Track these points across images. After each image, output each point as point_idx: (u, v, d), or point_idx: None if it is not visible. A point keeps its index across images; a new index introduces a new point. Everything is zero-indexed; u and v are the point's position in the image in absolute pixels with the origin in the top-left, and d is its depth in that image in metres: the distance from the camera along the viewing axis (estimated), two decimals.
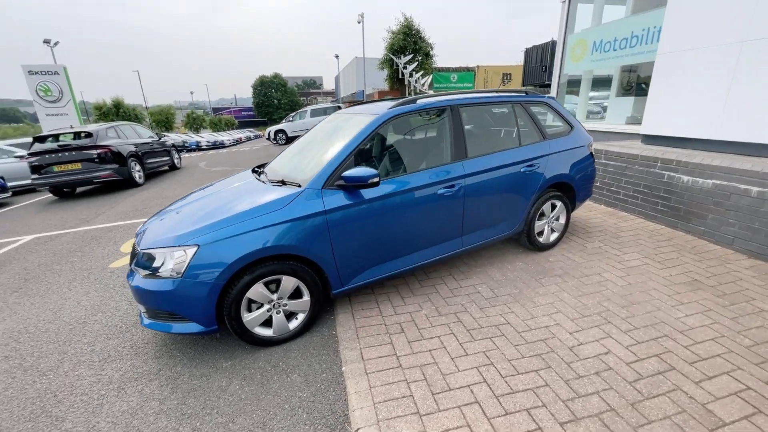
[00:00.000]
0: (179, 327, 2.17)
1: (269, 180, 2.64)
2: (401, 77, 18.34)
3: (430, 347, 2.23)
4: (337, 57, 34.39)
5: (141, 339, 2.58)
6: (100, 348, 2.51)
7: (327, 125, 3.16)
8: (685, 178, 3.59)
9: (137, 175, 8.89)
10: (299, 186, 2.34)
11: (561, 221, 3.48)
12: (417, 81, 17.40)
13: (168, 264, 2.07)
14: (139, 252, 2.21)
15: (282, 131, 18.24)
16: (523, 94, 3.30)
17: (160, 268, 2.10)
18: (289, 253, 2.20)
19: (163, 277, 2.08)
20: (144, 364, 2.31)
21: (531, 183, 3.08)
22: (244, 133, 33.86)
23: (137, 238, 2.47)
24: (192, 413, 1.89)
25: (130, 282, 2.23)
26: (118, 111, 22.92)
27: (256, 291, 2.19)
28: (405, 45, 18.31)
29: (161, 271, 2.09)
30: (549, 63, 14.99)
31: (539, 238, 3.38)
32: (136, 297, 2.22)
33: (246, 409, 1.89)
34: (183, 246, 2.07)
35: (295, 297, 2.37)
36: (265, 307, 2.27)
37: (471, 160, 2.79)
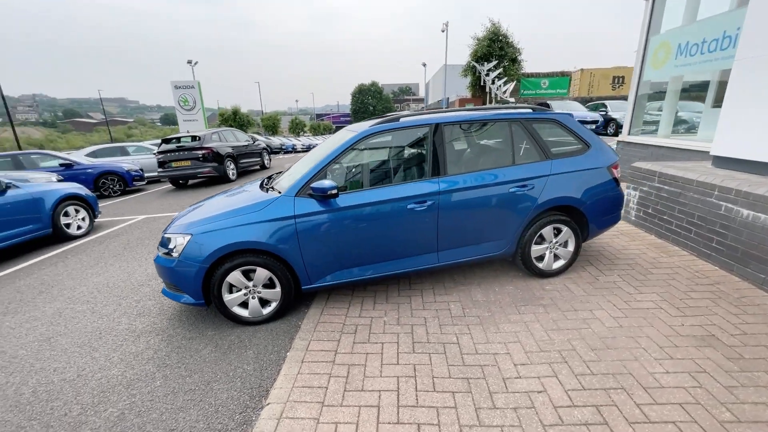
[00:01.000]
0: (184, 299, 2.75)
1: (269, 188, 3.09)
2: (483, 84, 17.82)
3: (369, 351, 2.39)
4: (425, 65, 34.86)
5: (168, 304, 3.30)
6: (141, 306, 3.30)
7: (327, 141, 3.50)
8: (746, 212, 2.94)
9: (230, 173, 10.62)
10: (279, 193, 2.74)
11: (569, 248, 3.19)
12: (499, 88, 16.69)
13: (175, 246, 2.66)
14: (163, 235, 2.88)
15: None
16: (529, 111, 3.15)
17: (172, 249, 2.71)
18: (262, 249, 2.61)
19: (172, 257, 2.68)
20: (160, 322, 2.98)
21: (523, 204, 2.93)
22: None
23: (168, 225, 3.17)
24: (169, 364, 2.43)
25: (154, 258, 2.92)
26: (235, 117, 27.54)
27: (234, 277, 2.65)
28: (490, 51, 17.72)
29: (173, 252, 2.69)
30: None
31: (538, 263, 3.16)
32: (156, 270, 2.89)
33: (204, 369, 2.35)
34: (184, 234, 2.65)
35: (270, 287, 2.76)
36: (242, 292, 2.72)
37: (448, 177, 2.82)
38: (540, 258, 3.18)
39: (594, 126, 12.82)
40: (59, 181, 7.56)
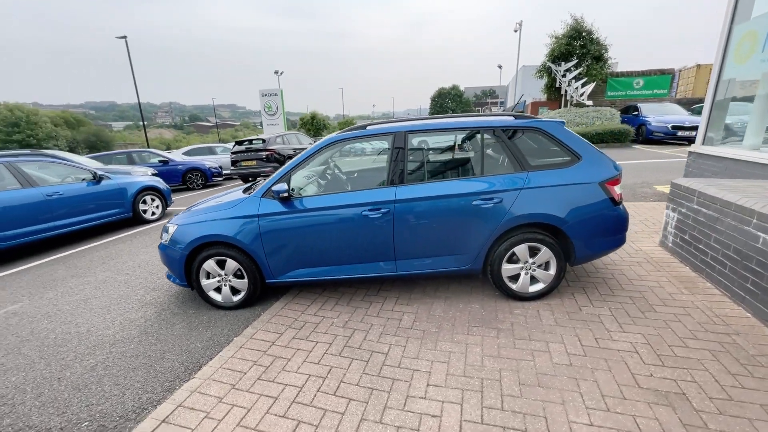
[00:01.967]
0: (177, 281, 3.23)
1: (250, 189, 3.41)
2: (559, 86, 16.30)
3: (301, 347, 2.52)
4: (500, 67, 32.88)
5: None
6: (158, 282, 3.93)
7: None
8: None
9: None
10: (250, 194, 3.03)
11: (550, 272, 2.87)
12: (576, 90, 15.11)
13: (167, 234, 3.15)
14: (165, 224, 3.41)
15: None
16: (509, 119, 2.92)
17: (166, 237, 3.20)
18: (230, 243, 2.93)
19: (165, 243, 3.17)
20: (163, 297, 3.53)
21: (489, 218, 2.74)
22: None
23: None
24: (148, 332, 2.89)
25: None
26: (312, 121, 29.91)
27: (210, 265, 3.02)
28: (569, 50, 16.12)
29: (166, 239, 3.18)
30: None
31: (511, 284, 2.92)
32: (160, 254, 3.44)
33: (168, 341, 2.74)
34: (174, 224, 3.11)
35: (240, 278, 3.08)
36: (216, 279, 3.08)
37: (406, 186, 2.79)
38: (514, 278, 2.93)
39: (694, 133, 10.80)
40: (154, 175, 9.25)
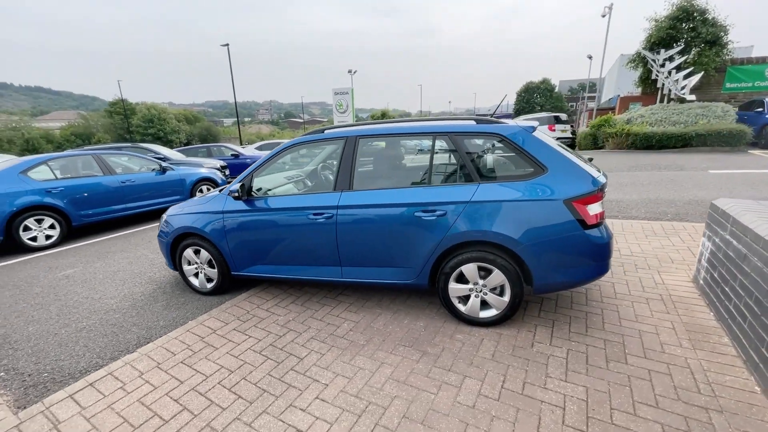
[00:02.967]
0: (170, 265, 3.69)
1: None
2: (655, 78, 13.79)
3: (233, 339, 2.68)
4: (590, 58, 28.63)
5: None
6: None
7: None
8: None
9: None
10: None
11: (504, 298, 2.53)
12: (676, 82, 12.63)
13: (161, 223, 3.59)
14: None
15: None
16: (470, 123, 2.63)
17: (160, 225, 3.64)
18: (201, 235, 3.23)
19: (160, 231, 3.62)
20: (168, 277, 4.04)
21: (432, 232, 2.53)
22: None
23: None
24: (135, 306, 3.35)
25: None
26: (382, 118, 30.51)
27: (188, 253, 3.38)
28: (672, 35, 13.47)
29: (160, 228, 3.63)
30: None
31: (460, 306, 2.65)
32: None
33: (143, 315, 3.14)
34: (167, 215, 3.53)
35: (212, 267, 3.37)
36: (194, 266, 3.43)
37: (352, 192, 2.73)
38: (464, 299, 2.65)
39: None
40: (223, 167, 10.55)
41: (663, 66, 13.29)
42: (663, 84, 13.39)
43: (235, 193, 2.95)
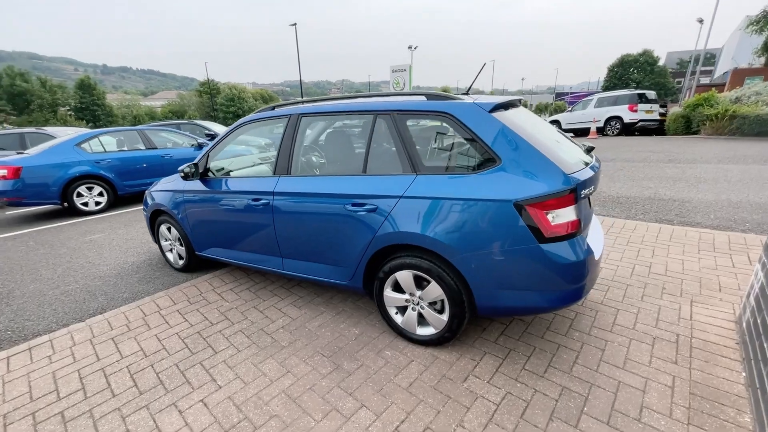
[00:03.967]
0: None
1: None
2: None
3: (170, 321, 2.66)
4: (701, 21, 22.58)
5: None
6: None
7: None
8: None
9: None
10: None
11: (442, 316, 2.08)
12: None
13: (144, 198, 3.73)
14: None
15: (556, 122, 16.28)
16: (420, 99, 2.13)
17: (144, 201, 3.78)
18: (169, 213, 3.25)
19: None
20: (157, 251, 4.25)
21: (362, 229, 2.15)
22: None
23: None
24: (119, 274, 3.56)
25: None
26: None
27: (162, 230, 3.46)
28: None
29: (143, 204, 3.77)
30: None
31: (397, 317, 2.27)
32: None
33: (117, 285, 3.31)
34: (148, 189, 3.64)
35: (181, 245, 3.41)
36: (168, 242, 3.51)
37: (289, 177, 2.45)
38: (401, 311, 2.26)
39: None
40: (266, 145, 10.98)
41: None
42: None
43: (181, 173, 2.87)
